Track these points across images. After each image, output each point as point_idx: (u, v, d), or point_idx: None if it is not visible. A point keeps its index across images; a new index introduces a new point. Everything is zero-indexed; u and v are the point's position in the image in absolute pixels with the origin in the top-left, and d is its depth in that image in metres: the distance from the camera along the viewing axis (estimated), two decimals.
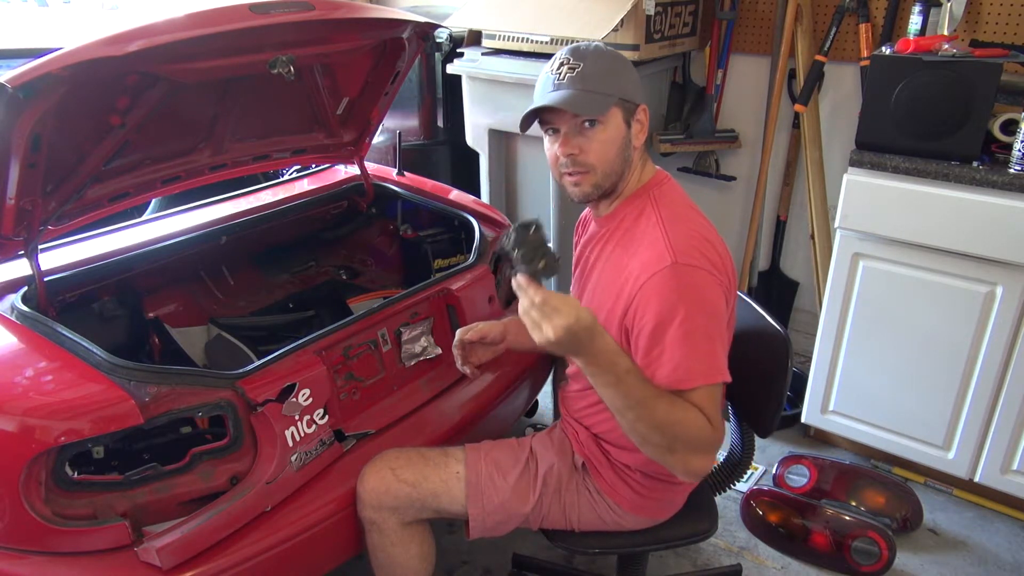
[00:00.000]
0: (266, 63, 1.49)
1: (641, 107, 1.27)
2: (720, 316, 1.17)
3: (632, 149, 1.27)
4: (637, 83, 1.27)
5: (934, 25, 2.12)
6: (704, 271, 1.16)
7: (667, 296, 1.14)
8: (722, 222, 2.92)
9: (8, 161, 1.27)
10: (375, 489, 1.36)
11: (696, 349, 1.12)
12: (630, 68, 1.28)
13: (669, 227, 1.21)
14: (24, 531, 1.18)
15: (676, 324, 1.12)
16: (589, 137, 1.23)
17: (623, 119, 1.25)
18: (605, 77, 1.23)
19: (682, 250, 1.16)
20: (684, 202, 1.30)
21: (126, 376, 1.24)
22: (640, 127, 1.27)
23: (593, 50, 1.25)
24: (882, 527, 1.93)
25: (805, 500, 2.04)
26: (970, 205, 1.77)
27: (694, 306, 1.13)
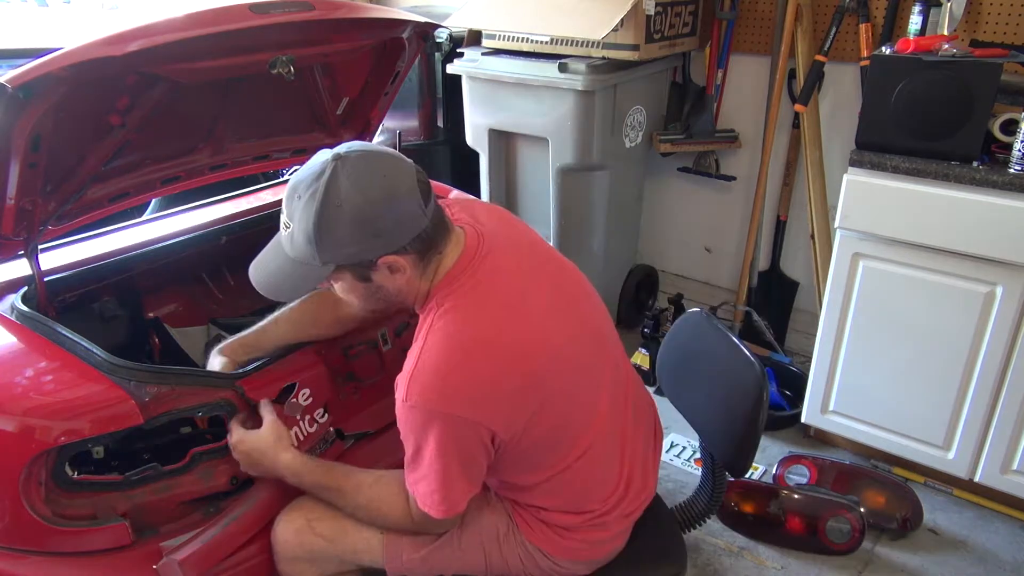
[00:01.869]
0: (266, 63, 1.49)
1: (383, 260, 1.08)
2: (451, 456, 1.10)
3: (389, 290, 1.14)
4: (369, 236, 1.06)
5: (934, 25, 2.12)
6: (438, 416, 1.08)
7: (402, 427, 1.13)
8: (722, 222, 2.92)
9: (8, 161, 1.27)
10: (288, 542, 1.27)
11: (416, 476, 1.15)
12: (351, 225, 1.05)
13: (425, 352, 1.10)
14: (24, 531, 1.18)
15: (408, 448, 1.14)
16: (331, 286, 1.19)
17: (355, 278, 1.12)
18: (310, 247, 1.07)
19: (420, 390, 1.08)
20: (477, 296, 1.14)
21: (126, 376, 1.24)
22: (392, 271, 1.11)
23: (304, 202, 1.05)
24: (851, 504, 1.97)
25: (772, 486, 2.07)
26: (970, 205, 1.77)
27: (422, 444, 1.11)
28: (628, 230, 2.94)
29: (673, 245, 3.08)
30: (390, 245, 1.08)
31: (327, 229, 1.05)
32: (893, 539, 2.02)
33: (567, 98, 2.40)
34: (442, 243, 1.14)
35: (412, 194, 1.08)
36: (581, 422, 1.21)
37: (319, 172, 1.06)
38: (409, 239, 1.09)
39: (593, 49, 2.44)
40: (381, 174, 1.07)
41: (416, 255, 1.11)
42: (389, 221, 1.07)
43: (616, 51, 2.42)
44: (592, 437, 1.22)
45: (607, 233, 2.72)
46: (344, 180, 1.05)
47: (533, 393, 1.13)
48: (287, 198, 1.09)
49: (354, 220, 1.05)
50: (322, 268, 1.10)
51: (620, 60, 2.43)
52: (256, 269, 1.19)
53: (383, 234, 1.07)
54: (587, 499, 1.25)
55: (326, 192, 1.04)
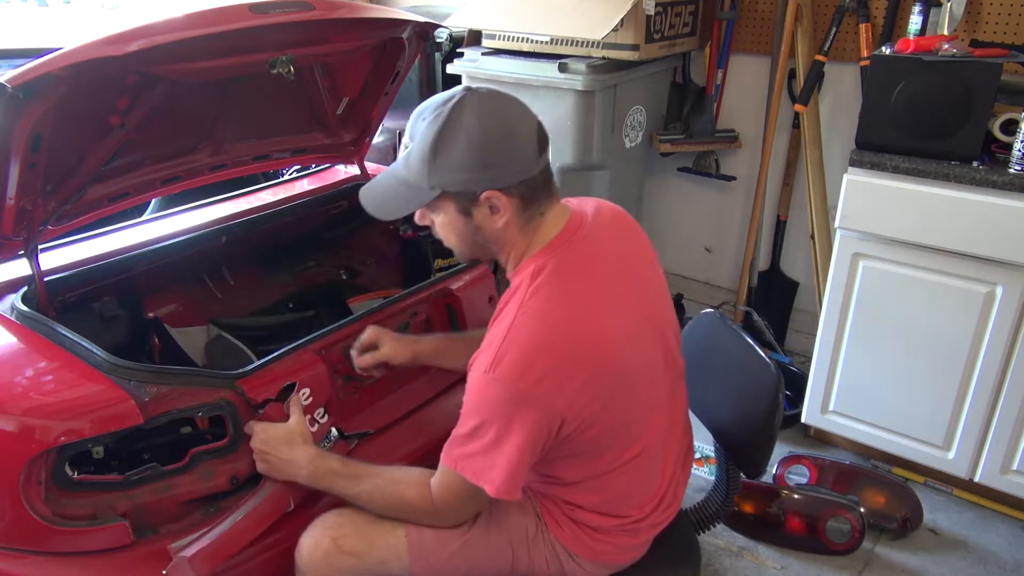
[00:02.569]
0: (266, 63, 1.49)
1: (485, 195, 1.09)
2: (522, 438, 1.08)
3: (487, 232, 1.14)
4: (480, 166, 1.08)
5: (934, 25, 2.12)
6: (518, 394, 1.07)
7: (472, 399, 1.12)
8: (722, 222, 2.92)
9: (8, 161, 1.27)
10: (316, 561, 1.23)
11: (473, 448, 1.12)
12: (468, 149, 1.07)
13: (515, 327, 1.09)
14: (24, 531, 1.18)
15: (470, 421, 1.12)
16: (432, 217, 1.18)
17: (456, 210, 1.12)
18: (423, 167, 1.09)
19: (506, 364, 1.07)
20: (568, 277, 1.14)
21: (126, 376, 1.24)
22: (492, 212, 1.11)
23: (427, 123, 1.09)
24: (851, 504, 1.97)
25: (772, 487, 2.07)
26: (970, 205, 1.77)
27: (490, 420, 1.09)
28: None
29: (673, 245, 3.08)
30: (497, 180, 1.09)
31: (443, 150, 1.08)
32: (893, 539, 2.03)
33: (567, 98, 2.40)
34: (545, 202, 1.15)
35: (529, 140, 1.11)
36: (639, 425, 1.21)
37: (448, 98, 1.09)
38: (516, 181, 1.10)
39: (593, 49, 2.44)
40: (505, 111, 1.11)
41: (519, 201, 1.12)
42: (502, 156, 1.09)
43: (616, 51, 2.42)
44: (645, 442, 1.22)
45: None
46: (469, 109, 1.08)
47: (609, 386, 1.13)
48: (413, 119, 1.12)
49: (470, 146, 1.07)
50: (428, 192, 1.11)
51: (620, 60, 2.43)
52: (366, 188, 1.22)
53: (493, 167, 1.09)
54: (626, 503, 1.25)
55: (450, 115, 1.07)
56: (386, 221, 2.27)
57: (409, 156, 1.12)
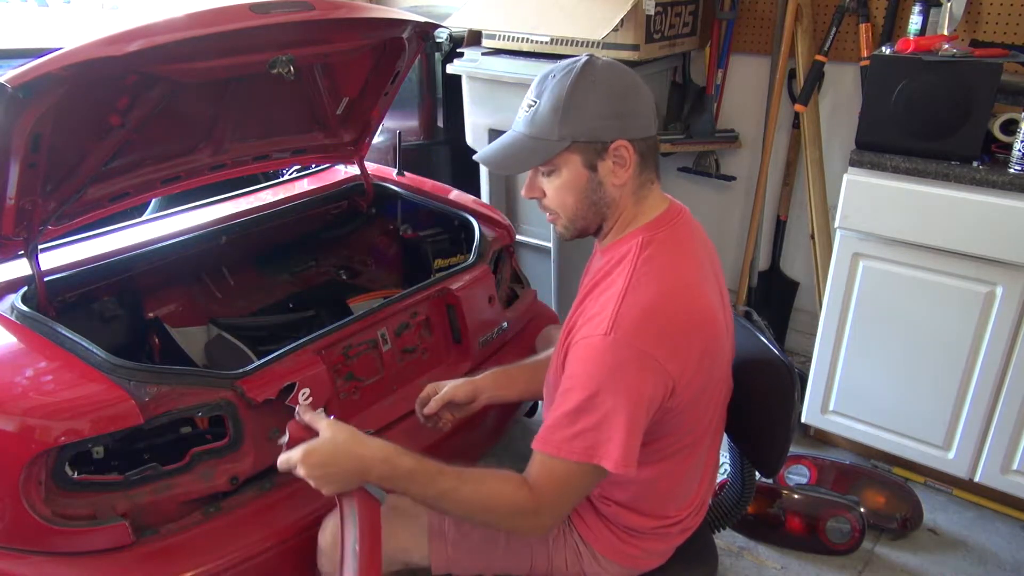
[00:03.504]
0: (266, 63, 1.49)
1: (615, 145, 1.10)
2: (638, 403, 1.05)
3: (606, 190, 1.13)
4: (612, 114, 1.10)
5: (934, 25, 2.12)
6: (638, 354, 1.04)
7: (586, 367, 1.06)
8: (722, 222, 2.92)
9: (8, 161, 1.27)
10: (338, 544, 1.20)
11: (584, 424, 1.05)
12: (606, 95, 1.10)
13: (631, 290, 1.08)
14: (24, 531, 1.18)
15: (580, 394, 1.06)
16: (545, 183, 1.15)
17: (583, 163, 1.11)
18: (553, 117, 1.09)
19: (627, 325, 1.05)
20: (678, 250, 1.15)
21: (126, 376, 1.24)
22: (617, 165, 1.11)
23: (558, 79, 1.11)
24: (851, 504, 1.97)
25: (772, 486, 2.06)
26: (970, 205, 1.77)
27: (607, 386, 1.04)
28: None
29: None
30: (627, 130, 1.10)
31: (579, 97, 1.08)
32: (893, 539, 2.02)
33: None
34: (655, 172, 1.17)
35: (651, 100, 1.15)
36: (708, 414, 1.20)
37: (575, 60, 1.12)
38: (643, 134, 1.12)
39: (593, 49, 2.44)
40: (629, 72, 1.14)
41: (640, 159, 1.13)
42: (632, 107, 1.11)
43: (616, 51, 2.41)
44: (700, 434, 1.21)
45: None
46: (600, 65, 1.11)
47: (712, 364, 1.14)
48: (539, 81, 1.13)
49: (607, 93, 1.09)
50: (557, 143, 1.09)
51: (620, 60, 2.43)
52: (487, 149, 1.18)
53: (624, 117, 1.11)
54: (668, 501, 1.24)
55: (583, 69, 1.09)
56: (386, 221, 2.30)
57: (536, 112, 1.11)
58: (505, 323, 1.88)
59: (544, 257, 2.74)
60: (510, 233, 2.03)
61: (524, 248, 2.78)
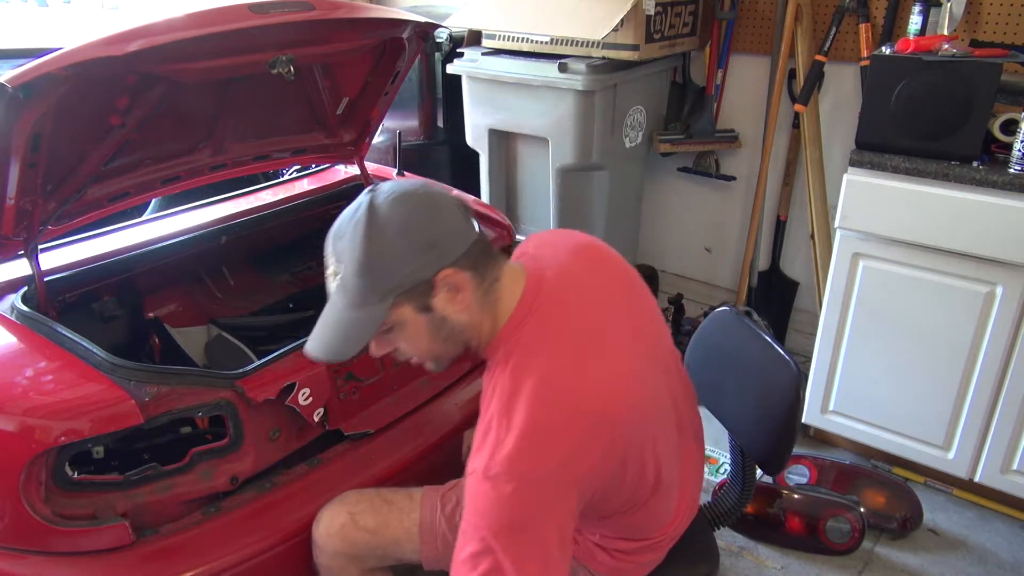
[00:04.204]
0: (266, 63, 1.49)
1: (439, 278, 1.01)
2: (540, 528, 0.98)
3: (453, 321, 1.05)
4: (421, 250, 1.00)
5: (934, 25, 2.12)
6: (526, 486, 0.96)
7: (476, 506, 0.99)
8: (722, 222, 2.92)
9: (8, 161, 1.27)
10: (331, 536, 1.26)
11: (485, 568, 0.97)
12: (400, 240, 1.00)
13: (502, 412, 1.00)
14: (24, 531, 1.18)
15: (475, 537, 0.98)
16: (391, 338, 1.08)
17: (414, 310, 1.03)
18: (363, 281, 1.00)
19: (502, 454, 0.97)
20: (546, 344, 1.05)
21: (126, 376, 1.24)
22: (451, 294, 1.03)
23: (347, 238, 1.01)
24: (851, 504, 1.97)
25: (772, 486, 2.07)
26: (970, 205, 1.77)
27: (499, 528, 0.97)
28: (628, 230, 2.94)
29: (673, 245, 3.08)
30: (445, 256, 1.01)
31: (378, 253, 1.00)
32: (893, 539, 2.03)
33: (567, 98, 2.40)
34: (495, 267, 1.08)
35: (454, 207, 1.05)
36: (655, 463, 1.13)
37: (356, 207, 1.03)
38: (463, 249, 1.03)
39: (593, 49, 2.44)
40: (418, 192, 1.04)
41: (473, 273, 1.04)
42: (439, 229, 1.02)
43: (616, 51, 2.42)
44: (664, 475, 1.16)
45: (607, 233, 2.72)
46: (383, 203, 1.02)
47: (621, 442, 1.05)
48: (330, 244, 1.05)
49: (403, 234, 1.00)
50: (380, 305, 1.01)
51: (620, 60, 2.43)
52: (313, 339, 1.10)
53: (436, 244, 1.01)
54: (649, 528, 1.22)
55: (368, 218, 1.00)
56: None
57: (343, 280, 1.03)
58: None
59: None
60: (510, 233, 2.03)
61: None
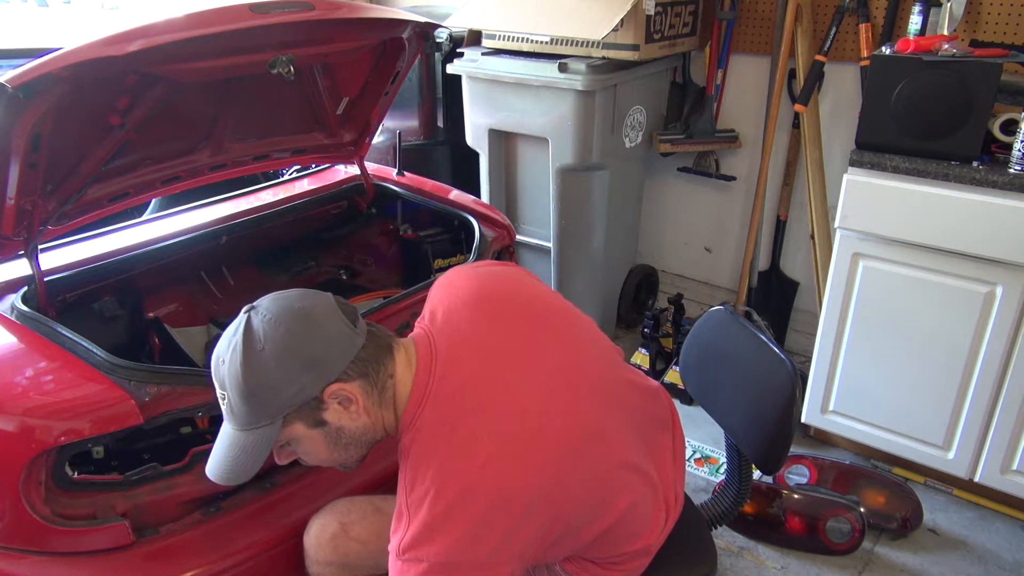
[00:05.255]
0: (266, 63, 1.49)
1: (327, 393, 1.00)
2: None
3: (351, 428, 1.04)
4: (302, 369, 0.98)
5: (934, 25, 2.12)
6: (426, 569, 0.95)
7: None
8: (722, 222, 2.92)
9: (8, 161, 1.27)
10: (322, 546, 1.24)
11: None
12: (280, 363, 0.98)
13: (412, 499, 0.98)
14: (24, 531, 1.18)
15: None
16: (292, 450, 1.08)
17: (308, 426, 1.02)
18: (249, 405, 0.99)
19: (410, 540, 0.96)
20: (446, 423, 1.01)
21: (126, 376, 1.24)
22: (343, 406, 1.02)
23: (227, 363, 0.99)
24: (851, 504, 1.98)
25: (772, 486, 2.07)
26: (970, 205, 1.77)
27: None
28: (628, 230, 2.94)
29: (673, 245, 3.08)
30: (329, 373, 1.00)
31: (258, 377, 0.98)
32: (893, 539, 2.03)
33: (567, 98, 2.40)
34: (388, 362, 1.05)
35: (334, 315, 1.02)
36: (615, 490, 1.10)
37: (234, 330, 1.02)
38: (349, 359, 1.01)
39: (593, 49, 2.44)
40: (294, 306, 1.02)
41: (363, 381, 1.02)
42: (319, 346, 1.00)
43: (616, 51, 2.42)
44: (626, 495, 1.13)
45: (607, 233, 2.72)
46: (258, 323, 1.00)
47: (560, 490, 1.01)
48: (214, 370, 1.03)
49: (280, 357, 0.98)
50: (270, 427, 1.00)
51: (620, 60, 2.43)
52: (211, 463, 1.08)
53: (318, 363, 0.99)
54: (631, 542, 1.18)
55: (244, 341, 0.99)
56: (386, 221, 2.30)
57: (231, 406, 1.01)
58: None
59: (544, 257, 2.74)
60: (510, 233, 2.03)
61: (524, 248, 2.78)
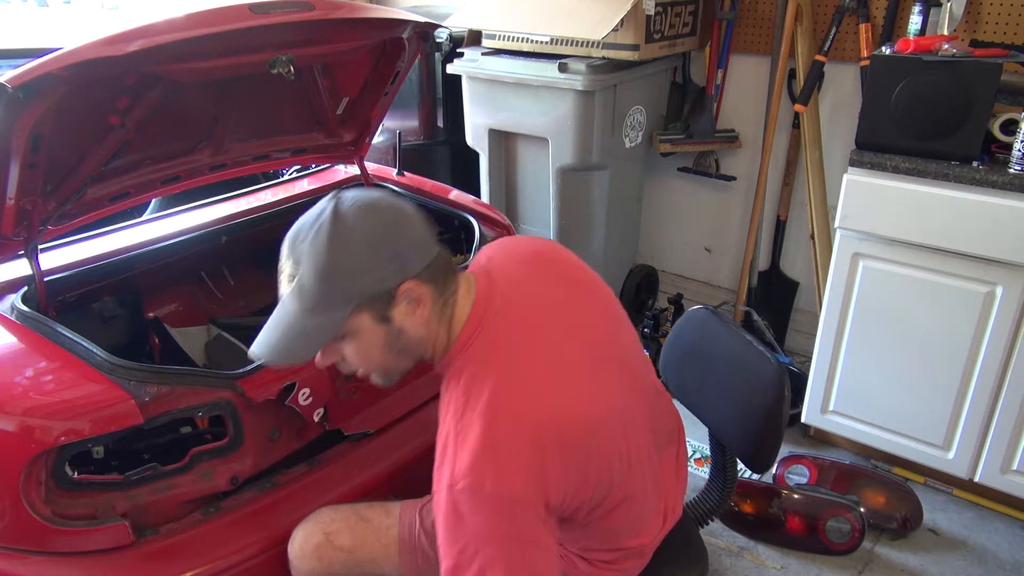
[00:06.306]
0: (266, 63, 1.49)
1: (401, 290, 1.00)
2: (513, 539, 0.97)
3: (409, 334, 1.04)
4: (386, 259, 0.99)
5: (934, 25, 2.12)
6: (490, 500, 0.95)
7: (446, 523, 0.98)
8: (722, 222, 2.92)
9: (8, 161, 1.27)
10: (306, 556, 1.24)
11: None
12: (366, 247, 0.98)
13: (458, 429, 0.99)
14: (24, 531, 1.18)
15: (451, 552, 0.98)
16: (342, 348, 1.04)
17: (373, 320, 1.01)
18: (324, 285, 0.97)
19: (462, 469, 0.96)
20: (497, 357, 1.04)
21: (126, 376, 1.24)
22: (411, 306, 1.02)
23: (310, 241, 0.98)
24: (851, 504, 1.98)
25: (772, 486, 2.07)
26: (970, 205, 1.77)
27: (472, 541, 0.96)
28: (628, 230, 2.94)
29: (673, 245, 3.08)
30: (408, 269, 1.00)
31: (342, 258, 0.97)
32: (893, 539, 2.03)
33: (567, 98, 2.40)
34: (453, 280, 1.07)
35: (419, 219, 1.03)
36: (621, 472, 1.11)
37: (320, 210, 1.00)
38: (426, 263, 1.02)
39: (593, 49, 2.44)
40: (383, 201, 1.03)
41: (434, 287, 1.03)
42: (404, 241, 1.01)
43: (616, 51, 2.42)
44: (632, 483, 1.13)
45: (607, 233, 2.72)
46: (349, 209, 0.99)
47: (583, 453, 1.03)
48: (289, 246, 1.01)
49: (369, 241, 0.98)
50: (338, 312, 0.99)
51: (620, 60, 2.43)
52: (261, 342, 1.06)
53: (400, 256, 1.00)
54: (627, 537, 1.19)
55: (334, 222, 0.97)
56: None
57: (301, 283, 0.99)
58: None
59: None
60: (510, 233, 2.03)
61: None
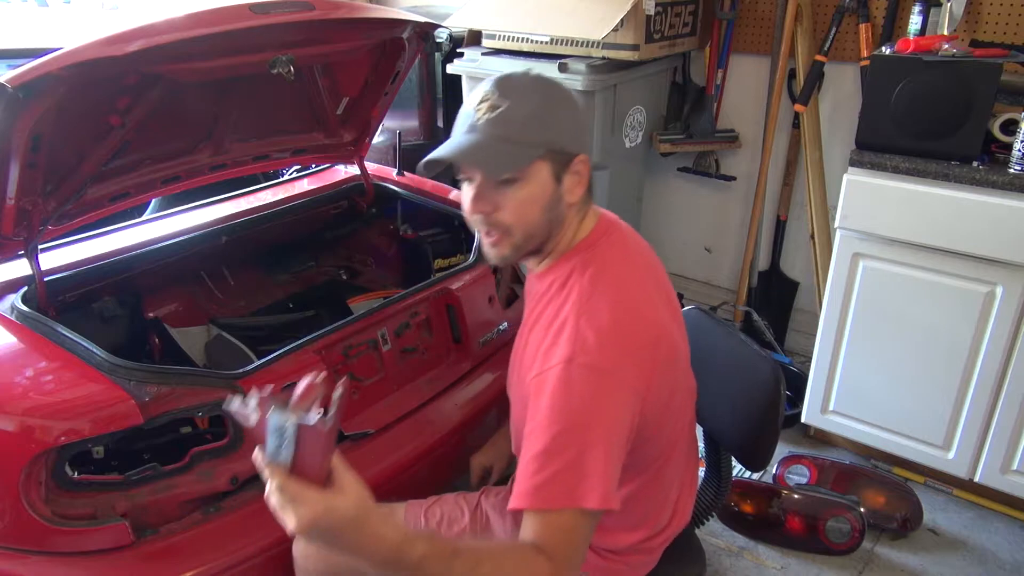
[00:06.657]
0: (266, 63, 1.49)
1: (579, 158, 1.07)
2: (611, 429, 0.99)
3: (562, 206, 1.08)
4: (578, 127, 1.09)
5: (934, 25, 2.12)
6: (604, 376, 0.99)
7: (553, 401, 0.98)
8: (722, 222, 2.92)
9: (8, 161, 1.27)
10: (309, 557, 1.23)
11: (557, 466, 0.96)
12: (570, 108, 1.08)
13: (584, 312, 1.03)
14: (24, 531, 1.18)
15: (548, 433, 0.97)
16: (505, 194, 1.05)
17: (551, 174, 1.05)
18: (531, 123, 1.03)
19: (587, 348, 0.99)
20: (620, 264, 1.12)
21: (126, 376, 1.24)
22: (577, 180, 1.08)
23: (526, 84, 1.05)
24: (851, 504, 1.98)
25: (772, 486, 2.07)
26: (970, 205, 1.77)
27: (577, 419, 0.97)
28: None
29: (673, 245, 3.08)
30: (586, 145, 1.11)
31: (556, 105, 1.06)
32: (893, 539, 2.03)
33: None
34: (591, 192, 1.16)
35: None
36: (679, 425, 1.17)
37: (528, 70, 1.10)
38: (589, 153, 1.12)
39: (593, 49, 2.44)
40: None
41: (590, 175, 1.13)
42: (586, 124, 1.14)
43: (616, 51, 2.42)
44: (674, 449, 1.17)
45: None
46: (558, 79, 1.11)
47: (671, 370, 1.10)
48: (494, 82, 1.06)
49: (574, 107, 1.09)
50: (530, 150, 1.03)
51: (620, 60, 2.43)
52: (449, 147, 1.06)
53: (584, 132, 1.12)
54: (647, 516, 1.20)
55: (549, 80, 1.08)
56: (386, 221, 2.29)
57: (506, 114, 1.03)
58: (505, 323, 1.88)
59: None
60: None
61: None
